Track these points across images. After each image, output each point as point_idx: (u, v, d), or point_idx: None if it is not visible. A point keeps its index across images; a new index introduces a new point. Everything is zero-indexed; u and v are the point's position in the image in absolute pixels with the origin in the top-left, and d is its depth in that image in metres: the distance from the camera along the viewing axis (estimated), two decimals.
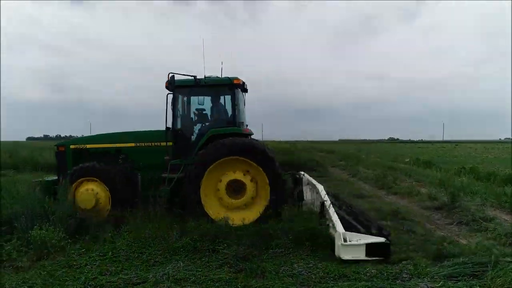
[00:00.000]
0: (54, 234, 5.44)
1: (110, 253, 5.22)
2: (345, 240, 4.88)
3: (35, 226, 5.56)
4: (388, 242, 4.96)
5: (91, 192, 7.11)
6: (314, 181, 7.77)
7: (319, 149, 37.49)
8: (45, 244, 5.29)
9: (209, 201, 6.72)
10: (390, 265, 4.67)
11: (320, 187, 6.96)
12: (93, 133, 8.76)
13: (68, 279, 4.42)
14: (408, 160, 22.39)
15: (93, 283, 4.28)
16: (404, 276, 4.31)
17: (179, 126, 7.49)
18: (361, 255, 4.88)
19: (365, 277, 4.29)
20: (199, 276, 4.41)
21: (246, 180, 6.76)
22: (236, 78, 7.35)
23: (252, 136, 7.84)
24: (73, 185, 7.19)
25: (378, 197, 10.46)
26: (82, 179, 7.25)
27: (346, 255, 4.85)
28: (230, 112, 7.47)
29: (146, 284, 4.22)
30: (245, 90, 8.34)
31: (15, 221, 5.87)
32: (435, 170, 15.37)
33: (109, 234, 5.91)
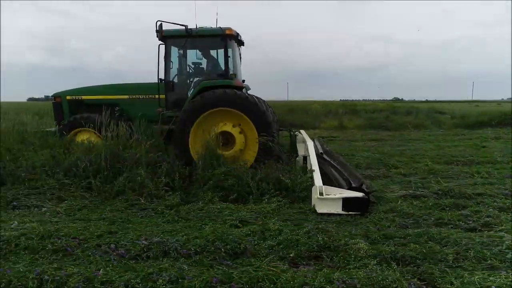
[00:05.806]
0: None
1: None
2: (321, 194, 4.87)
3: None
4: (366, 197, 4.91)
5: (86, 142, 7.31)
6: (306, 138, 7.67)
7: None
8: None
9: (197, 150, 6.75)
10: None
11: (310, 143, 6.86)
12: None
13: None
14: None
15: None
16: None
17: (171, 78, 7.41)
18: (337, 209, 4.88)
19: None
20: None
21: (235, 132, 6.72)
22: (229, 29, 7.06)
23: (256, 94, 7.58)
24: (69, 136, 7.41)
25: None
26: (77, 129, 7.45)
27: (321, 209, 4.85)
28: (222, 64, 7.29)
29: None
30: (240, 43, 8.05)
31: None
32: None
33: None
